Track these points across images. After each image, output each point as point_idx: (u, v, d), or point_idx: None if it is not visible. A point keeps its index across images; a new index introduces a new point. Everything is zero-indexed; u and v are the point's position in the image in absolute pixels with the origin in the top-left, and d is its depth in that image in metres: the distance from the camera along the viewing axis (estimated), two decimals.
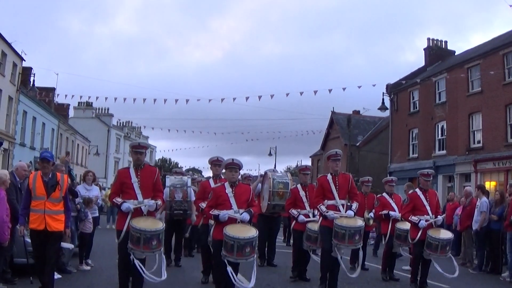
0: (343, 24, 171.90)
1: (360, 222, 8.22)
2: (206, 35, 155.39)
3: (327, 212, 8.10)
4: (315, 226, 8.96)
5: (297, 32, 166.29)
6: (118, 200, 6.95)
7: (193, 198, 9.89)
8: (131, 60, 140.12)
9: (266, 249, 11.42)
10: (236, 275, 7.05)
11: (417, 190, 9.32)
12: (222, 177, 8.82)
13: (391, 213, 10.39)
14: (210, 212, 7.07)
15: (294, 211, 9.73)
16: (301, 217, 9.52)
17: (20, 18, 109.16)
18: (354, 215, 8.42)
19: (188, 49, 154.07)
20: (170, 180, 10.16)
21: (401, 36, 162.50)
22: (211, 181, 9.16)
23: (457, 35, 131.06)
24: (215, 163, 9.22)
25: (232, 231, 6.70)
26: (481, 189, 12.62)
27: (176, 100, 25.88)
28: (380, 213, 10.60)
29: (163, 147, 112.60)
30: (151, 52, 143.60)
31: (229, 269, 6.66)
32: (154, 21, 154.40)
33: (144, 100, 24.91)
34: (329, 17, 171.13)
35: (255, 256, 6.98)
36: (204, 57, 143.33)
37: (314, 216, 9.33)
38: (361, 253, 8.56)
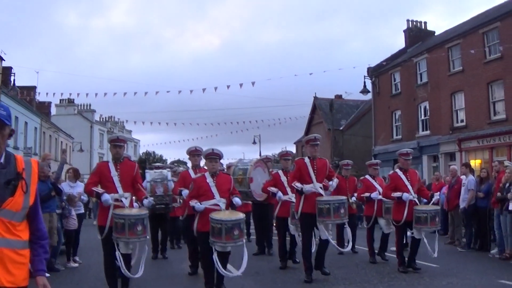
0: (344, 8, 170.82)
1: (342, 196, 8.25)
2: (205, 23, 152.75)
3: (302, 186, 7.98)
4: None
5: (298, 18, 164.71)
6: (100, 189, 6.79)
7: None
8: (127, 54, 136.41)
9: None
10: (227, 264, 7.00)
11: (397, 170, 9.27)
12: (203, 167, 8.65)
13: (372, 195, 10.37)
14: (190, 202, 7.01)
15: (273, 188, 9.49)
16: (279, 194, 9.34)
17: (16, 15, 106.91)
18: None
19: (185, 39, 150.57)
20: (150, 174, 10.05)
21: (402, 18, 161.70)
22: (190, 171, 9.07)
23: (461, 15, 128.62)
24: (193, 153, 9.11)
25: (218, 215, 6.69)
26: (468, 167, 12.68)
27: (157, 92, 25.02)
28: (361, 195, 10.59)
29: (148, 141, 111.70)
30: (148, 44, 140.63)
31: (215, 256, 6.61)
32: (151, 11, 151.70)
33: (125, 94, 24.51)
34: (330, 1, 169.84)
35: (244, 240, 6.93)
36: (201, 46, 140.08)
37: None
38: (348, 231, 8.49)
